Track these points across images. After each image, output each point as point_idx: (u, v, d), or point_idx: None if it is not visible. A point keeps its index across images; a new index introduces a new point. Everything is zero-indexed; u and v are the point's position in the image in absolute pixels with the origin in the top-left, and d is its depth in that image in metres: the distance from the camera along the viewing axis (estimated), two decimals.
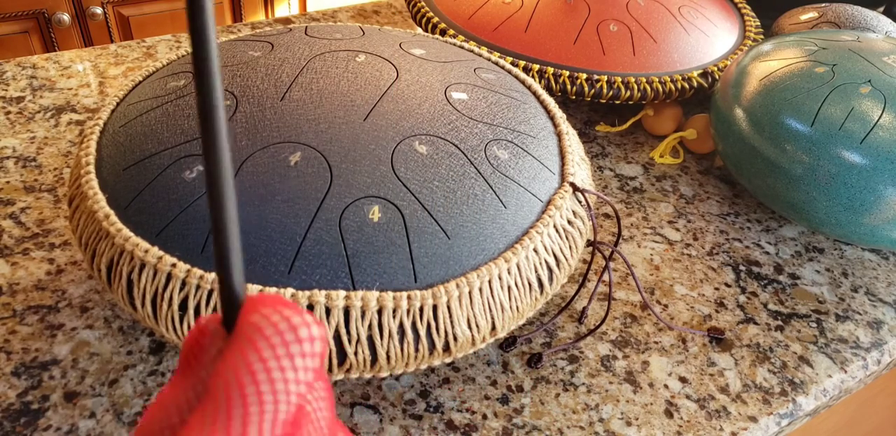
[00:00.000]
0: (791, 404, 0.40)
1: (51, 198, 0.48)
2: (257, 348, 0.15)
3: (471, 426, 0.37)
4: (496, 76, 0.44)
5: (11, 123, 0.54)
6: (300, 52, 0.41)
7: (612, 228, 0.50)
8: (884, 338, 0.45)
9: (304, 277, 0.32)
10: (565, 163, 0.40)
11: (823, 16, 0.61)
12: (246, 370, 0.15)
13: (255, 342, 0.15)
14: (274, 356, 0.15)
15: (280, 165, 0.34)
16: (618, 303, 0.45)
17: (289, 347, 0.15)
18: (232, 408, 0.15)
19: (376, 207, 0.33)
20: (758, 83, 0.49)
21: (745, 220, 0.53)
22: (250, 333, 0.15)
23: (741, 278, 0.48)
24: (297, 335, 0.15)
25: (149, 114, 0.38)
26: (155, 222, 0.33)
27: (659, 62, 0.56)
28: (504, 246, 0.35)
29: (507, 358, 0.41)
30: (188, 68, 0.41)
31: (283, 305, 0.16)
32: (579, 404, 0.39)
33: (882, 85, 0.45)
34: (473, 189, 0.35)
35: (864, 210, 0.44)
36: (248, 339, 0.15)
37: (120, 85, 0.48)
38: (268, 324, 0.15)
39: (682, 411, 0.39)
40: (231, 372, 0.15)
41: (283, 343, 0.15)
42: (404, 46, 0.43)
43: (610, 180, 0.55)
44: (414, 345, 0.33)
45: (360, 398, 0.38)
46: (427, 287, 0.33)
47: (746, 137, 0.48)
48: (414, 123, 0.37)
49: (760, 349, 0.43)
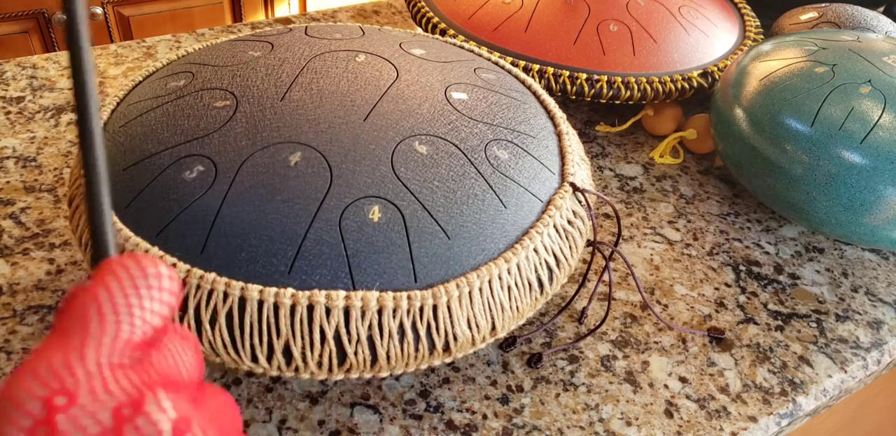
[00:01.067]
0: (791, 404, 0.40)
1: (51, 198, 0.48)
2: (105, 282, 0.17)
3: (471, 426, 0.37)
4: (496, 76, 0.44)
5: (11, 123, 0.54)
6: (300, 52, 0.41)
7: (612, 228, 0.50)
8: (884, 338, 0.45)
9: (304, 277, 0.32)
10: (565, 163, 0.40)
11: (823, 16, 0.61)
12: (91, 298, 0.17)
13: (105, 277, 0.18)
14: (119, 287, 0.17)
15: (280, 165, 0.34)
16: (618, 303, 0.45)
17: (135, 280, 0.18)
18: (75, 328, 0.17)
19: (376, 207, 0.33)
20: (758, 83, 0.49)
21: (745, 220, 0.53)
22: (103, 273, 0.18)
23: (741, 278, 0.48)
24: (144, 272, 0.18)
25: (149, 114, 0.38)
26: (155, 222, 0.33)
27: (659, 62, 0.56)
28: (504, 246, 0.35)
29: (507, 358, 0.41)
30: (188, 68, 0.41)
31: (142, 257, 0.18)
32: (579, 404, 0.39)
33: (882, 85, 0.45)
34: (473, 189, 0.35)
35: (864, 210, 0.44)
36: (100, 277, 0.18)
37: (120, 85, 0.48)
38: (120, 266, 0.18)
39: (682, 411, 0.39)
40: (79, 301, 0.17)
41: (129, 277, 0.18)
42: (404, 46, 0.43)
43: (610, 180, 0.55)
44: (414, 345, 0.33)
45: (360, 398, 0.38)
46: (427, 287, 0.33)
47: (746, 137, 0.48)
48: (414, 123, 0.37)
49: (760, 349, 0.43)
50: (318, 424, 0.37)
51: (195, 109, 0.37)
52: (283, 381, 0.39)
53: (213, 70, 0.40)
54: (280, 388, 0.38)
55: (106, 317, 0.17)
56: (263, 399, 0.38)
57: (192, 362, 0.19)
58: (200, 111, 0.36)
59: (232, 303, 0.31)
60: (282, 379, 0.39)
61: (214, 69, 0.40)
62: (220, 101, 0.37)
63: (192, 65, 0.41)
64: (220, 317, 0.31)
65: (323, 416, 0.37)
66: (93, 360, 0.17)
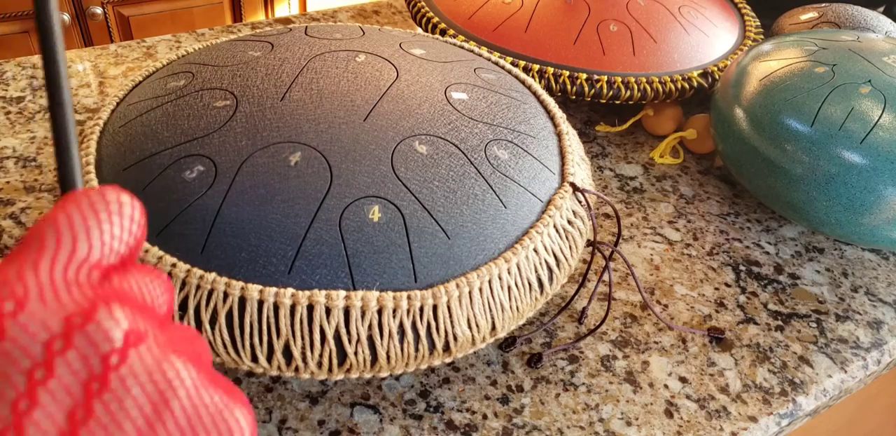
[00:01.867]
0: (791, 404, 0.40)
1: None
2: (64, 207, 0.18)
3: (471, 426, 0.37)
4: (496, 76, 0.44)
5: (11, 123, 0.54)
6: (300, 52, 0.41)
7: (612, 228, 0.50)
8: (884, 338, 0.45)
9: (304, 277, 0.32)
10: (565, 163, 0.40)
11: (823, 16, 0.61)
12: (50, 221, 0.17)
13: (65, 204, 0.18)
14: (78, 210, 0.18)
15: (280, 165, 0.34)
16: (618, 303, 0.45)
17: (94, 205, 0.18)
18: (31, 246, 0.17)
19: (376, 207, 0.33)
20: (758, 83, 0.49)
21: (745, 220, 0.53)
22: (65, 201, 0.18)
23: (741, 278, 0.48)
24: (104, 198, 0.18)
25: (149, 114, 0.38)
26: (155, 222, 0.33)
27: (659, 62, 0.56)
28: (504, 246, 0.35)
29: (507, 358, 0.41)
30: (188, 68, 0.41)
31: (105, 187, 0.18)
32: (579, 404, 0.39)
33: (882, 85, 0.45)
34: (473, 189, 0.35)
35: (864, 210, 0.44)
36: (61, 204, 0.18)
37: (120, 85, 0.48)
38: (81, 194, 0.18)
39: (682, 411, 0.39)
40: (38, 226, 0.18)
41: (89, 203, 0.18)
42: (404, 46, 0.43)
43: (610, 180, 0.55)
44: (414, 345, 0.33)
45: (360, 398, 0.38)
46: (427, 287, 0.33)
47: (746, 137, 0.48)
48: (414, 123, 0.37)
49: (760, 349, 0.43)
50: (318, 424, 0.37)
51: (195, 109, 0.37)
52: (283, 381, 0.39)
53: (213, 70, 0.40)
54: (280, 388, 0.38)
55: (62, 235, 0.17)
56: (263, 399, 0.38)
57: (162, 297, 0.19)
58: (200, 111, 0.36)
59: (232, 303, 0.31)
60: (282, 379, 0.39)
61: (214, 69, 0.40)
62: (220, 101, 0.37)
63: (192, 65, 0.41)
64: (220, 317, 0.31)
65: (323, 416, 0.37)
66: (46, 271, 0.17)
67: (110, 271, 0.18)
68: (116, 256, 0.18)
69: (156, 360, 0.17)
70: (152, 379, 0.16)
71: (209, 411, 0.17)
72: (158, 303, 0.19)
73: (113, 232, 0.18)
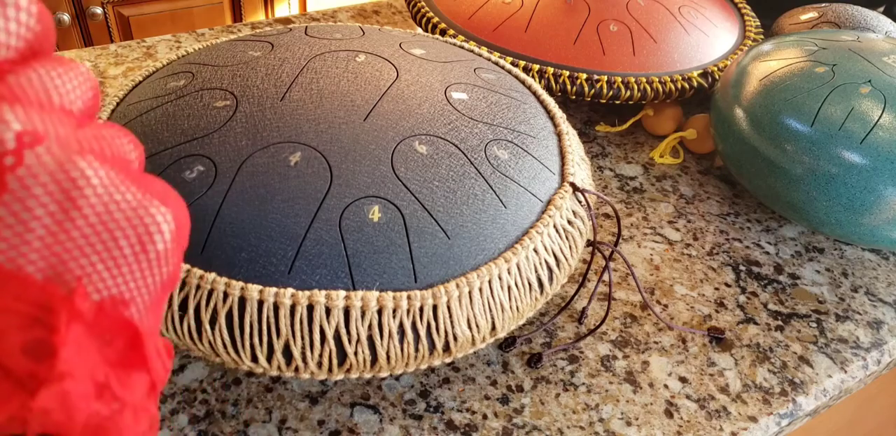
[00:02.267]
0: (791, 404, 0.40)
1: None
2: None
3: (471, 426, 0.37)
4: (496, 76, 0.44)
5: None
6: (300, 52, 0.41)
7: (612, 228, 0.50)
8: (884, 338, 0.45)
9: (304, 277, 0.32)
10: (565, 163, 0.40)
11: (823, 16, 0.61)
12: None
13: None
14: None
15: (280, 165, 0.34)
16: (618, 303, 0.45)
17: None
18: None
19: (376, 207, 0.33)
20: (758, 83, 0.49)
21: (745, 220, 0.53)
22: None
23: (741, 278, 0.48)
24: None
25: (149, 114, 0.38)
26: None
27: (659, 62, 0.56)
28: (504, 246, 0.35)
29: (507, 358, 0.41)
30: (188, 68, 0.41)
31: None
32: (579, 404, 0.39)
33: (882, 85, 0.45)
34: (473, 189, 0.35)
35: (864, 210, 0.44)
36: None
37: (120, 85, 0.48)
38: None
39: (682, 411, 0.39)
40: None
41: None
42: (404, 46, 0.43)
43: (610, 180, 0.55)
44: (414, 345, 0.33)
45: (360, 398, 0.38)
46: (427, 287, 0.33)
47: (746, 137, 0.48)
48: (414, 123, 0.37)
49: (760, 349, 0.43)
50: (318, 424, 0.37)
51: (195, 109, 0.37)
52: (283, 381, 0.39)
53: (213, 70, 0.40)
54: (280, 388, 0.38)
55: None
56: (263, 399, 0.38)
57: (78, 90, 0.18)
58: (200, 111, 0.36)
59: (232, 303, 0.31)
60: (282, 379, 0.39)
61: (214, 69, 0.40)
62: (220, 101, 0.37)
63: (192, 65, 0.41)
64: (220, 317, 0.31)
65: (323, 416, 0.37)
66: None
67: (3, 70, 0.17)
68: (12, 51, 0.17)
69: (56, 160, 0.16)
70: (55, 179, 0.16)
71: (121, 209, 0.16)
72: (71, 98, 0.18)
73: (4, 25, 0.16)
